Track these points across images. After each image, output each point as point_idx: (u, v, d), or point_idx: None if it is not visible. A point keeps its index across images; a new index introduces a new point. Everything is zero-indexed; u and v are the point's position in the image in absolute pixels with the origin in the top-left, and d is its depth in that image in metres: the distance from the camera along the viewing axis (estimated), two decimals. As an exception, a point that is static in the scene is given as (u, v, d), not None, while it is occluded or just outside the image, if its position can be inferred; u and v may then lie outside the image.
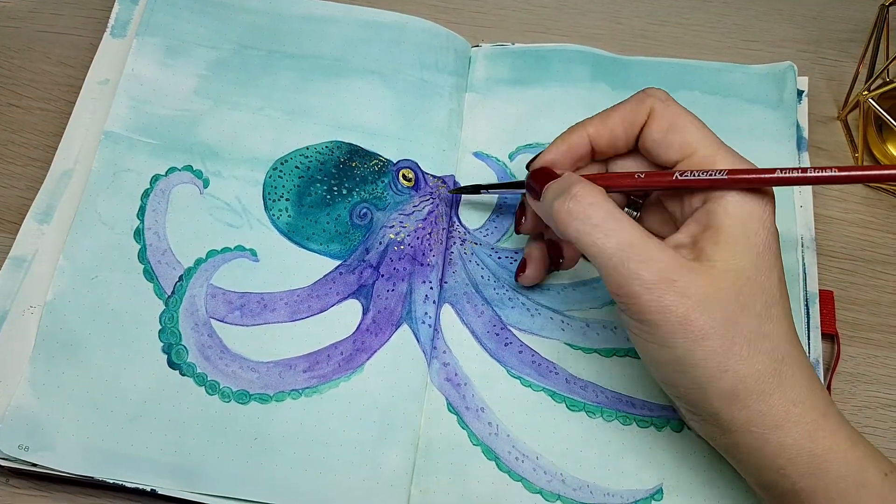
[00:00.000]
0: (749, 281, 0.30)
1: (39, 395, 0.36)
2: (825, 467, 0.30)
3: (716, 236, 0.31)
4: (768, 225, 0.31)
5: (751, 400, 0.30)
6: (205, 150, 0.42)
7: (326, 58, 0.45)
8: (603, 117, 0.35)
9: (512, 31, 0.50)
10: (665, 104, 0.34)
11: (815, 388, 0.31)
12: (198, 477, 0.35)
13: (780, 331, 0.31)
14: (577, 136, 0.35)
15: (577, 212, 0.31)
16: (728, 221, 0.31)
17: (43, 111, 0.45)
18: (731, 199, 0.31)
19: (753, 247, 0.31)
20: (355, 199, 0.42)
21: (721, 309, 0.30)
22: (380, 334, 0.39)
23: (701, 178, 0.32)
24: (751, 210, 0.31)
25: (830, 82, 0.49)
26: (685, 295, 0.30)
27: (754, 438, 0.31)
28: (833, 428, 0.31)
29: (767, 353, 0.30)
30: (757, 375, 0.30)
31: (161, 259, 0.39)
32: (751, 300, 0.30)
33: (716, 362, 0.30)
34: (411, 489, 0.36)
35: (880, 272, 0.44)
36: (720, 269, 0.30)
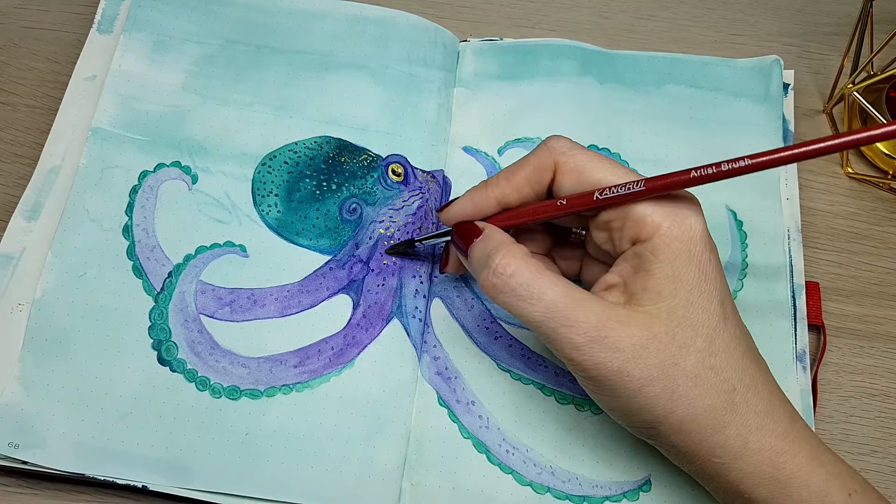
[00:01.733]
0: (684, 320, 0.30)
1: (29, 392, 0.36)
2: (788, 492, 0.30)
3: (645, 280, 0.30)
4: (698, 255, 0.30)
5: (706, 434, 0.30)
6: (193, 145, 0.42)
7: (315, 53, 0.45)
8: (508, 177, 0.34)
9: (500, 25, 0.50)
10: (569, 156, 0.33)
11: (774, 411, 0.31)
12: (189, 473, 0.35)
13: (727, 360, 0.30)
14: (483, 198, 0.35)
15: (500, 286, 0.31)
16: (655, 264, 0.30)
17: (30, 108, 0.45)
18: (654, 242, 0.30)
19: (684, 285, 0.30)
20: (345, 195, 0.42)
21: (656, 355, 0.30)
22: (370, 329, 0.39)
23: (620, 194, 0.31)
24: (677, 247, 0.30)
25: (816, 76, 0.50)
26: (617, 349, 0.30)
27: (716, 468, 0.31)
28: (796, 450, 0.30)
29: (716, 387, 0.30)
30: (708, 411, 0.30)
31: (150, 255, 0.39)
32: (689, 338, 0.30)
33: (661, 406, 0.30)
34: (403, 483, 0.36)
35: (866, 264, 0.44)
36: (652, 313, 0.30)
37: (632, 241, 0.31)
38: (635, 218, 0.31)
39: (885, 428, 0.40)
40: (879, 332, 0.43)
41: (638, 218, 0.31)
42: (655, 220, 0.30)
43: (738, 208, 0.43)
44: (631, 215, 0.31)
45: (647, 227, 0.31)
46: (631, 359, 0.30)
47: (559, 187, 0.33)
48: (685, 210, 0.31)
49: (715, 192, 0.43)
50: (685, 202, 0.31)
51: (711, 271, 0.31)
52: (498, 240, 0.33)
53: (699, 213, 0.31)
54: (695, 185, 0.30)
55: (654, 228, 0.30)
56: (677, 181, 0.30)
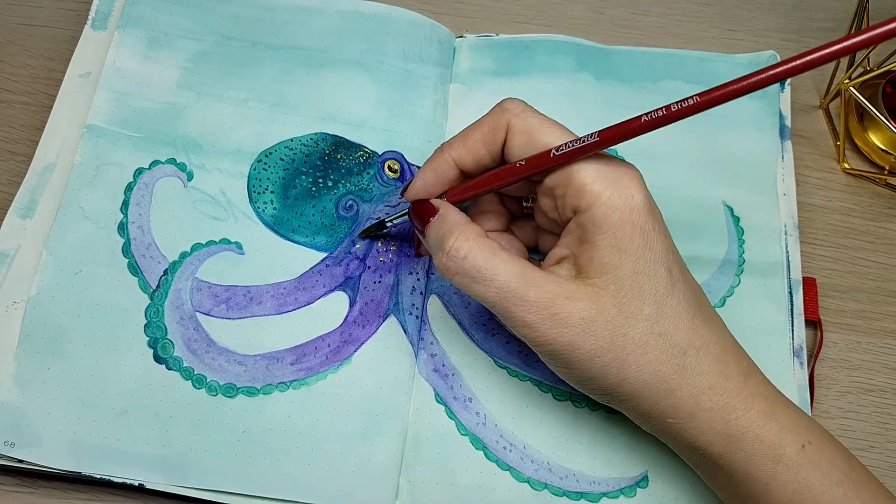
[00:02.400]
0: (630, 290, 0.31)
1: (25, 390, 0.36)
2: (740, 447, 0.31)
3: (589, 252, 0.31)
4: (640, 224, 0.31)
5: (658, 398, 0.31)
6: (188, 142, 0.42)
7: (310, 49, 0.45)
8: (463, 138, 0.35)
9: (496, 21, 0.50)
10: (521, 118, 0.33)
11: (727, 369, 0.32)
12: (186, 471, 0.35)
13: (676, 325, 0.31)
14: (442, 161, 0.35)
15: (453, 268, 0.32)
16: (598, 235, 0.31)
17: (24, 105, 0.45)
18: (595, 211, 0.31)
19: (628, 255, 0.31)
20: (341, 191, 0.42)
21: (605, 327, 0.31)
22: (367, 326, 0.39)
23: (575, 148, 0.31)
24: (619, 217, 0.31)
25: (812, 71, 0.49)
26: (567, 325, 0.31)
27: (671, 427, 0.32)
28: (748, 406, 0.31)
29: (665, 352, 0.31)
30: (658, 376, 0.31)
31: (145, 253, 0.39)
32: (637, 306, 0.31)
33: (613, 374, 0.31)
34: (400, 480, 0.36)
35: (862, 259, 0.44)
36: (599, 286, 0.31)
37: (573, 209, 0.32)
38: (576, 186, 0.31)
39: (882, 423, 0.40)
40: (876, 328, 0.43)
41: (578, 186, 0.31)
42: (595, 190, 0.31)
43: (735, 204, 0.43)
44: (572, 183, 0.31)
45: (587, 197, 0.31)
46: (580, 333, 0.31)
47: (510, 149, 0.34)
48: (625, 179, 0.31)
49: (712, 188, 0.43)
50: (625, 171, 0.31)
51: (655, 239, 0.31)
52: (452, 220, 0.33)
53: (640, 182, 0.32)
54: (646, 131, 0.30)
55: (593, 198, 0.31)
56: (629, 129, 0.30)
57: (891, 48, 0.46)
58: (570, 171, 0.31)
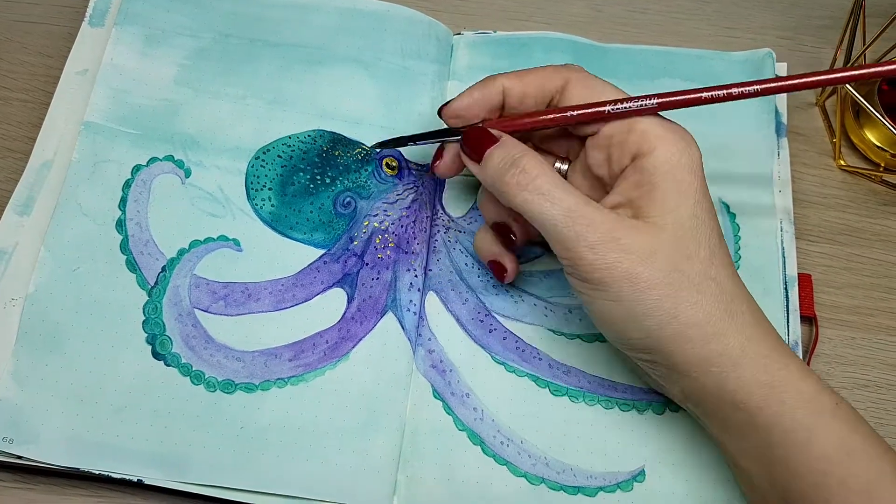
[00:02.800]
0: (689, 230, 0.32)
1: (23, 387, 0.36)
2: (781, 398, 0.31)
3: (650, 192, 0.32)
4: (698, 173, 0.33)
5: (707, 341, 0.31)
6: (186, 139, 0.42)
7: (308, 46, 0.45)
8: (520, 75, 0.36)
9: (494, 18, 0.50)
10: (583, 74, 0.35)
11: (764, 324, 0.33)
12: (184, 466, 0.35)
13: (726, 273, 0.32)
14: (492, 86, 0.36)
15: (524, 183, 0.33)
16: (659, 176, 0.32)
17: (21, 102, 0.45)
18: (658, 153, 0.32)
19: (688, 197, 0.32)
20: (339, 188, 0.42)
21: (664, 260, 0.31)
22: (365, 322, 0.39)
23: (632, 109, 0.33)
24: (678, 161, 0.32)
25: (809, 68, 0.50)
26: (628, 251, 0.31)
27: (713, 378, 0.32)
28: (786, 360, 0.32)
29: (716, 296, 0.32)
30: (708, 318, 0.31)
31: (143, 250, 0.39)
32: (694, 248, 0.32)
33: (665, 310, 0.31)
34: (398, 475, 0.37)
35: (858, 256, 0.45)
36: (659, 223, 0.32)
37: (633, 155, 0.33)
38: (638, 131, 0.33)
39: (877, 419, 0.41)
40: (871, 324, 0.43)
41: (641, 132, 0.33)
42: (658, 133, 0.33)
43: (730, 201, 0.43)
44: (634, 129, 0.33)
45: (651, 140, 0.32)
46: (640, 261, 0.31)
47: (568, 98, 0.35)
48: (685, 133, 0.33)
49: (708, 185, 0.43)
50: (683, 130, 0.33)
51: (707, 194, 0.33)
52: (521, 147, 0.34)
53: (694, 140, 0.33)
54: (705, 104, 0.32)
55: (657, 141, 0.32)
56: (689, 99, 0.32)
57: (886, 46, 0.46)
58: (630, 120, 0.33)
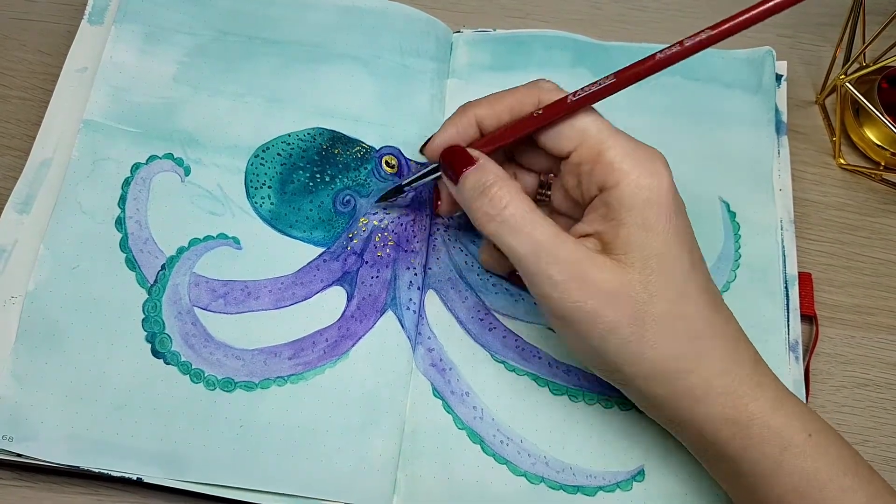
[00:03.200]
0: (656, 269, 0.31)
1: (22, 385, 0.36)
2: (748, 433, 0.31)
3: (616, 229, 0.31)
4: (667, 205, 0.31)
5: (671, 379, 0.31)
6: (185, 137, 0.42)
7: (307, 44, 0.45)
8: (492, 102, 0.35)
9: (493, 16, 0.50)
10: (553, 95, 0.34)
11: (738, 356, 0.32)
12: (184, 465, 0.35)
13: (696, 308, 0.32)
14: (464, 119, 0.36)
15: (493, 214, 0.32)
16: (624, 213, 0.31)
17: (20, 100, 0.45)
18: (623, 188, 0.31)
19: (655, 235, 0.31)
20: (338, 186, 0.42)
21: (629, 301, 0.31)
22: (364, 321, 0.39)
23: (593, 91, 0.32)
24: (646, 196, 0.31)
25: (809, 67, 0.50)
26: (593, 290, 0.31)
27: (681, 411, 0.32)
28: (757, 393, 0.32)
29: (683, 333, 0.31)
30: (673, 356, 0.31)
31: (143, 248, 0.39)
32: (661, 286, 0.31)
33: (629, 351, 0.31)
34: (397, 474, 0.37)
35: (858, 254, 0.45)
36: (625, 262, 0.31)
37: (599, 187, 0.32)
38: (604, 163, 0.32)
39: (877, 417, 0.41)
40: (871, 323, 0.43)
41: (606, 164, 0.32)
42: (624, 168, 0.31)
43: (731, 199, 0.43)
44: (600, 160, 0.32)
45: (615, 174, 0.31)
46: (605, 301, 0.31)
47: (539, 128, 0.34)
48: (654, 161, 0.32)
49: (708, 183, 0.44)
50: (653, 154, 0.32)
51: (680, 223, 0.32)
52: (495, 172, 0.33)
53: (666, 166, 0.32)
54: (661, 68, 0.31)
55: (622, 175, 0.31)
56: (644, 67, 0.31)
57: (886, 44, 0.46)
58: (598, 148, 0.32)
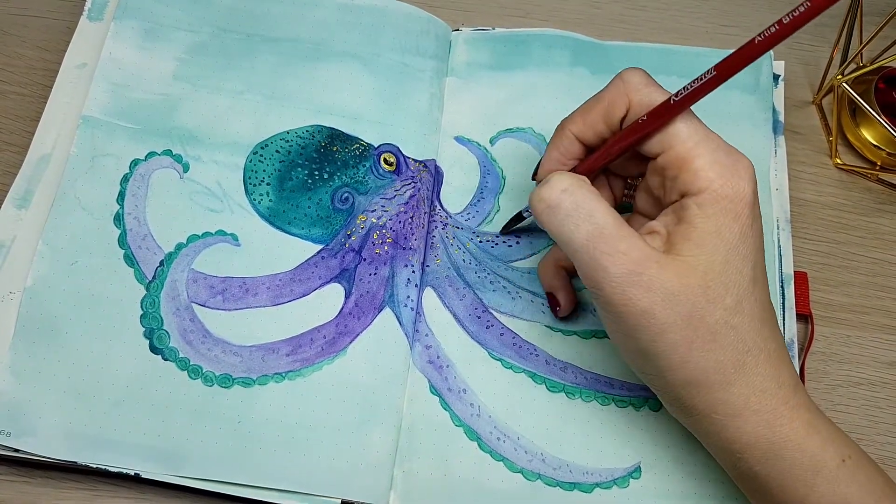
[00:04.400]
0: (718, 276, 0.31)
1: (21, 380, 0.36)
2: (781, 454, 0.31)
3: (687, 231, 0.31)
4: (744, 217, 0.31)
5: (712, 389, 0.31)
6: (184, 134, 0.42)
7: (306, 41, 0.45)
8: (582, 113, 0.35)
9: (492, 14, 0.50)
10: (644, 94, 0.33)
11: (781, 377, 0.32)
12: (181, 460, 0.35)
13: (749, 322, 0.31)
14: (564, 139, 0.35)
15: (548, 199, 0.31)
16: (700, 218, 0.31)
17: (19, 96, 0.45)
18: (705, 196, 0.31)
19: (724, 243, 0.31)
20: (337, 184, 0.42)
21: (685, 304, 0.30)
22: (362, 318, 0.39)
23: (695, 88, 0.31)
24: (724, 206, 0.31)
25: (806, 67, 0.50)
26: (649, 289, 0.30)
27: (714, 424, 0.32)
28: (793, 415, 0.31)
29: (732, 346, 0.31)
30: (718, 366, 0.31)
31: (141, 244, 0.39)
32: (720, 294, 0.31)
33: (678, 354, 0.31)
34: (394, 470, 0.37)
35: (853, 254, 0.45)
36: (689, 264, 0.31)
37: (681, 193, 0.32)
38: (692, 171, 0.31)
39: (871, 416, 0.41)
40: (866, 322, 0.43)
41: (693, 171, 0.31)
42: (709, 176, 0.31)
43: (728, 198, 0.43)
44: (687, 167, 0.31)
45: (700, 182, 0.31)
46: (660, 301, 0.30)
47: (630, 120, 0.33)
48: (739, 170, 0.31)
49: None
50: (740, 162, 0.31)
51: (752, 235, 0.31)
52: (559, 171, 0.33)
53: (752, 177, 0.31)
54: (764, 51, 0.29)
55: (706, 184, 0.31)
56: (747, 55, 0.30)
57: (883, 45, 0.47)
58: (687, 155, 0.31)
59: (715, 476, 0.37)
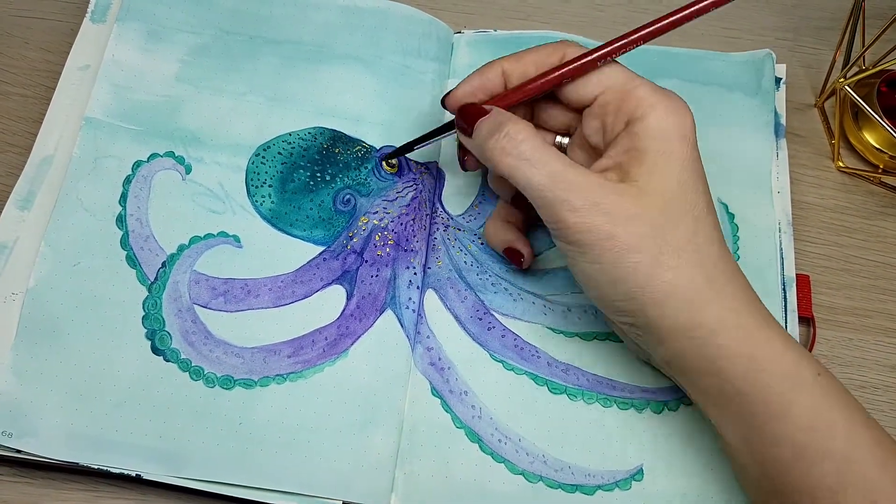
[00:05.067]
0: (675, 197, 0.32)
1: (22, 381, 0.36)
2: (761, 367, 0.31)
3: (639, 157, 0.32)
4: (690, 141, 0.33)
5: (686, 308, 0.32)
6: (187, 135, 0.42)
7: (309, 44, 0.45)
8: (518, 56, 0.37)
9: (494, 17, 0.50)
10: (577, 49, 0.35)
11: (750, 297, 0.33)
12: (183, 462, 0.35)
13: (710, 243, 0.32)
14: (491, 70, 0.37)
15: (509, 148, 0.33)
16: (649, 141, 0.32)
17: (22, 97, 0.45)
18: (650, 119, 0.33)
19: (677, 163, 0.32)
20: (338, 186, 0.42)
21: (646, 223, 0.32)
22: (364, 319, 0.39)
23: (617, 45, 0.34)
24: (670, 127, 0.32)
25: (808, 70, 0.50)
26: (609, 214, 0.32)
27: (694, 344, 0.32)
28: (769, 332, 0.32)
29: (698, 264, 0.32)
30: (689, 284, 0.32)
31: (144, 245, 0.39)
32: (678, 215, 0.32)
33: (643, 273, 0.31)
34: (396, 472, 0.37)
35: (855, 257, 0.45)
36: (645, 188, 0.32)
37: (627, 121, 0.33)
38: (634, 97, 0.33)
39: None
40: (869, 325, 0.43)
41: (637, 98, 0.33)
42: (652, 101, 0.33)
43: (729, 201, 0.43)
44: (630, 95, 0.33)
45: (644, 107, 0.33)
46: (621, 223, 0.31)
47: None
48: (679, 100, 0.34)
49: (708, 186, 0.44)
50: (678, 98, 0.34)
51: (699, 162, 0.33)
52: (508, 115, 0.35)
53: (690, 110, 0.34)
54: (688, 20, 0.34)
55: (649, 109, 0.33)
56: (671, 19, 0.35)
57: (886, 48, 0.47)
58: (627, 87, 0.33)
59: (717, 478, 0.37)
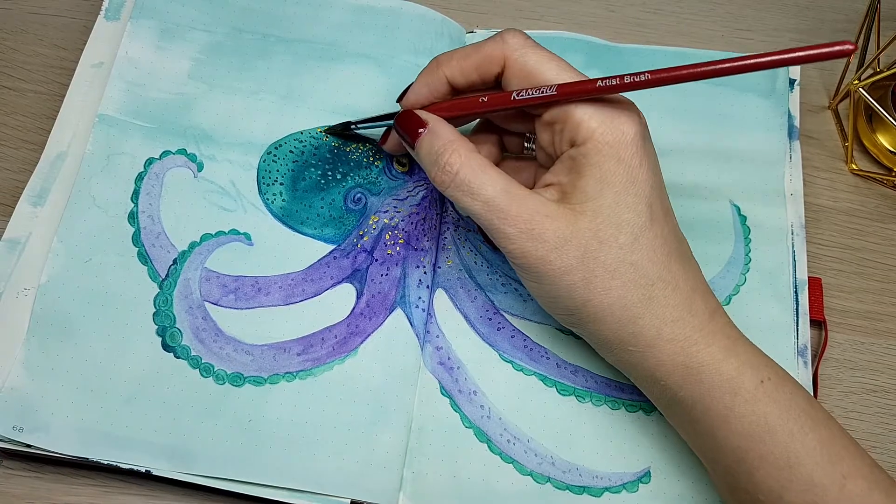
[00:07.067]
0: (608, 218, 0.32)
1: (34, 376, 0.36)
2: (699, 378, 0.32)
3: (575, 180, 0.33)
4: (628, 159, 0.32)
5: (621, 324, 0.33)
6: (199, 133, 0.42)
7: (321, 42, 0.45)
8: (460, 59, 0.36)
9: (506, 17, 0.50)
10: (520, 53, 0.35)
11: (693, 306, 0.33)
12: (192, 458, 0.35)
13: (651, 256, 0.33)
14: (435, 79, 0.37)
15: (447, 182, 0.34)
16: (586, 167, 0.33)
17: (36, 94, 0.45)
18: (588, 144, 0.33)
19: (611, 187, 0.32)
20: (349, 184, 0.42)
21: (578, 247, 0.32)
22: (374, 318, 0.39)
23: (535, 97, 0.34)
24: (607, 152, 0.32)
25: (822, 72, 0.50)
26: (542, 240, 0.32)
27: (633, 356, 0.33)
28: (710, 341, 0.33)
29: (634, 281, 0.32)
30: (622, 302, 0.32)
31: (155, 242, 0.39)
32: (612, 235, 0.32)
33: (579, 294, 0.33)
34: (404, 471, 0.37)
35: (868, 260, 0.44)
36: (578, 210, 0.33)
37: (570, 143, 0.34)
38: (574, 121, 0.33)
39: (885, 424, 0.41)
40: (881, 329, 0.43)
41: (576, 122, 0.33)
42: (591, 126, 0.33)
43: (742, 204, 0.43)
44: (570, 119, 0.33)
45: (583, 132, 0.33)
46: (553, 249, 0.32)
47: (507, 83, 0.35)
48: (622, 116, 0.33)
49: (719, 187, 0.44)
50: (623, 108, 0.33)
51: (641, 175, 0.33)
52: (445, 136, 0.35)
53: (635, 120, 0.33)
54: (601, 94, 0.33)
55: (588, 133, 0.33)
56: (584, 89, 0.33)
57: (901, 50, 0.46)
58: (569, 108, 0.33)
59: (726, 482, 0.37)
